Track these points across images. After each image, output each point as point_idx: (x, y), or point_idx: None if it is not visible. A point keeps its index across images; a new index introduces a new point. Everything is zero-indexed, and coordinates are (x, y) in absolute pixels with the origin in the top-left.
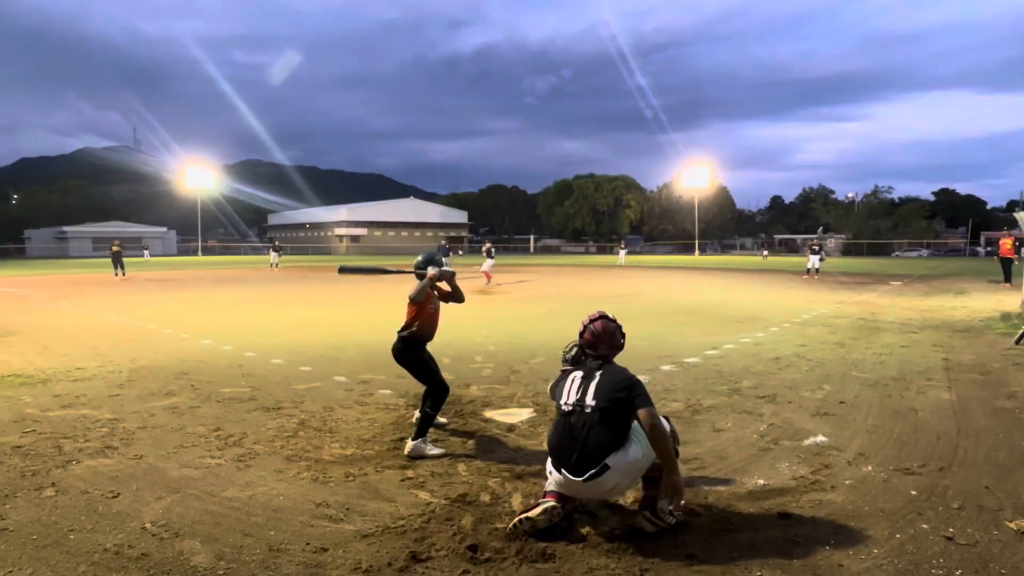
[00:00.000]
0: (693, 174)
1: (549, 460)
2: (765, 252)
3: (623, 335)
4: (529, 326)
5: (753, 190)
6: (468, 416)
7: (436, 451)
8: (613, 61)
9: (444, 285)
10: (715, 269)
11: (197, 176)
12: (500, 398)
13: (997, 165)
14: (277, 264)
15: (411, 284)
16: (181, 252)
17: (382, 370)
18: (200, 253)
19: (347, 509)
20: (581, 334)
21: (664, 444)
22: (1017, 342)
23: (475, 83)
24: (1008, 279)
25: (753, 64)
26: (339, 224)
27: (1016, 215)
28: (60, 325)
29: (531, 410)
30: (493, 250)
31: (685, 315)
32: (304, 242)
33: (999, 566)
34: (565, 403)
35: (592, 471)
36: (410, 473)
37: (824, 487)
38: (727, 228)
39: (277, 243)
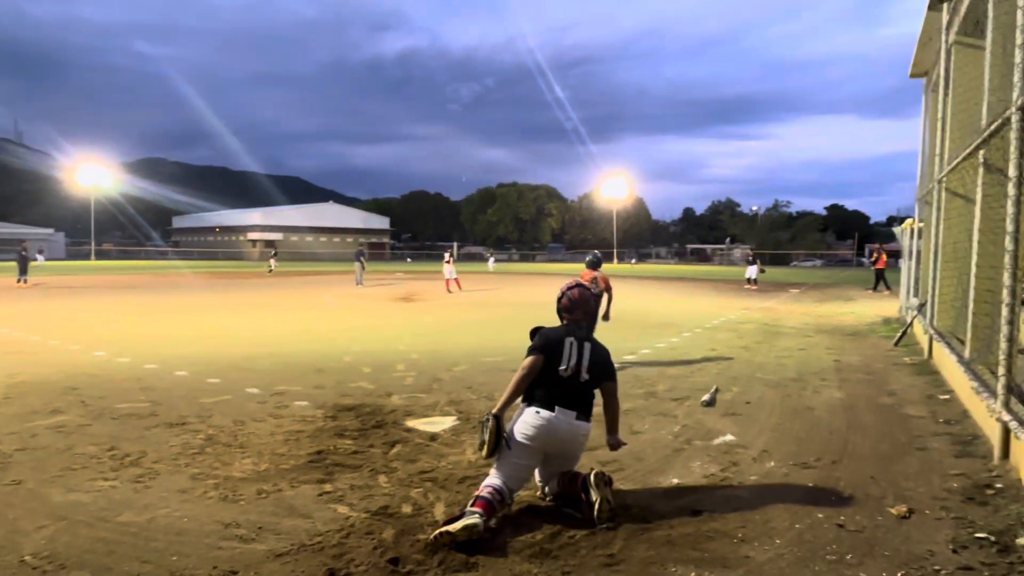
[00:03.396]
0: (612, 185)
1: (527, 411)
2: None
3: (597, 303)
4: (452, 334)
5: (667, 202)
6: (389, 426)
7: None
8: (535, 73)
9: None
10: (632, 277)
11: (91, 173)
12: (422, 407)
13: (879, 184)
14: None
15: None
16: (71, 256)
17: (298, 380)
18: (93, 257)
19: (259, 528)
20: (559, 299)
21: (618, 410)
22: (896, 344)
23: (398, 88)
24: (878, 288)
25: (666, 82)
26: (253, 228)
27: (894, 229)
28: None
29: (454, 418)
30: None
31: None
32: (214, 247)
33: (883, 548)
34: (564, 368)
35: (586, 418)
36: (328, 487)
37: (732, 483)
38: (644, 238)
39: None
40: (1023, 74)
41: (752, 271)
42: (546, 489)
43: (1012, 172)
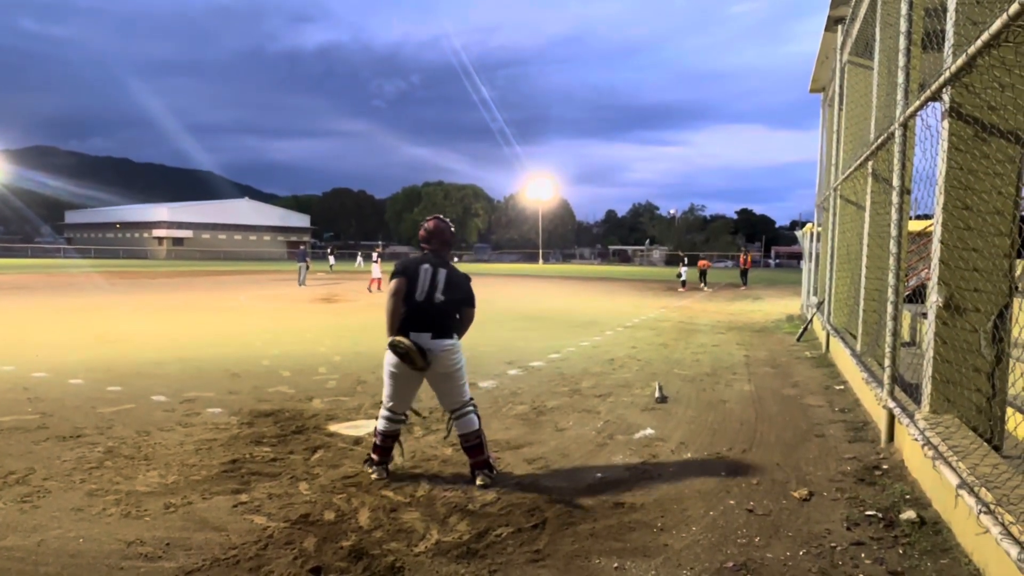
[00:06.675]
0: (537, 187)
1: (390, 346)
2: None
3: (452, 233)
4: (375, 335)
5: (590, 204)
6: (310, 431)
7: None
8: (461, 72)
9: None
10: (557, 277)
11: None
12: (345, 410)
13: (783, 190)
14: (304, 278)
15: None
16: None
17: (211, 386)
18: None
19: (167, 544)
20: (418, 232)
21: (466, 326)
22: (798, 339)
23: (319, 81)
24: (744, 283)
25: (590, 87)
26: (158, 225)
27: (796, 232)
28: None
29: None
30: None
31: (530, 321)
32: (114, 244)
33: (787, 530)
34: (419, 296)
35: (443, 336)
36: (244, 498)
37: (652, 475)
38: (568, 239)
39: (314, 251)
40: (905, 93)
41: (683, 272)
42: (451, 423)
43: (895, 181)
